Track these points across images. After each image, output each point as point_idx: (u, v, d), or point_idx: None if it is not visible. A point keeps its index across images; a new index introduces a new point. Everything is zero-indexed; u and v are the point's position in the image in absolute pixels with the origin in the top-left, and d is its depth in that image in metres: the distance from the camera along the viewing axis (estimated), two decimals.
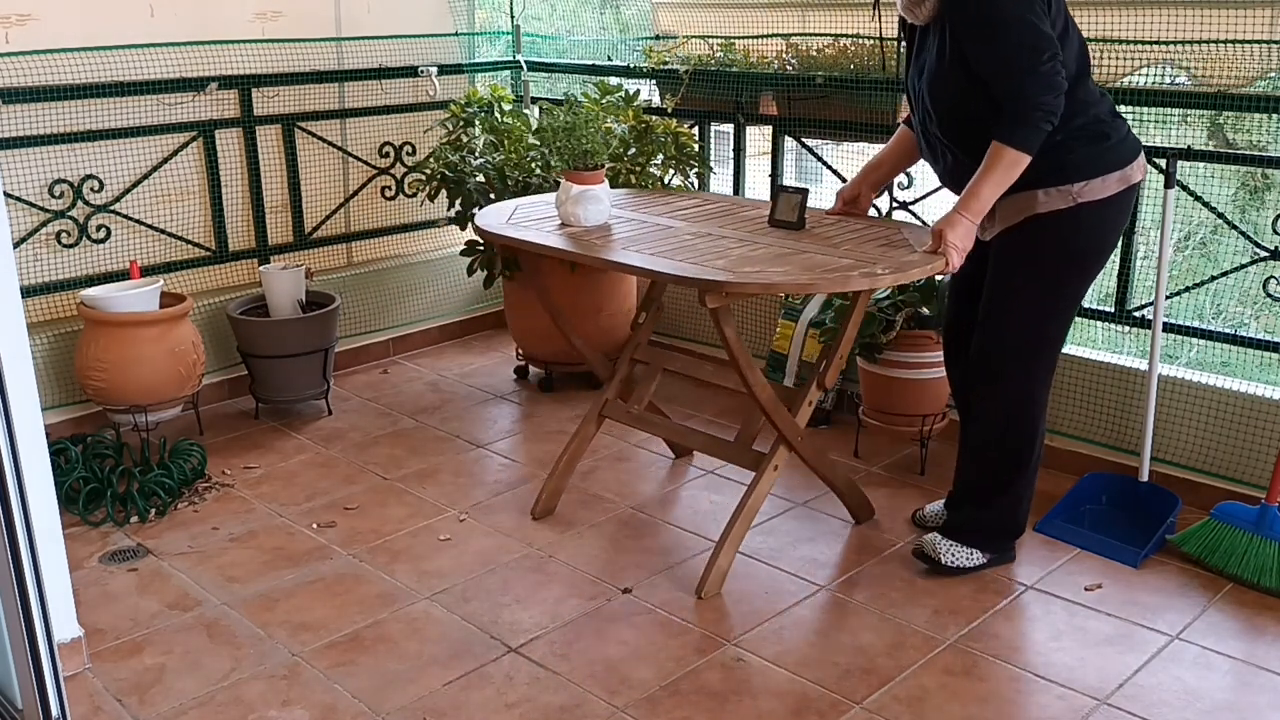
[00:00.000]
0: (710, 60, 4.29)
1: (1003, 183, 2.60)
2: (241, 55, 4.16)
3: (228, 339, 4.12)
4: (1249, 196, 4.37)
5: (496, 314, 4.95)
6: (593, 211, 3.08)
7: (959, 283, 2.99)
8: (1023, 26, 2.53)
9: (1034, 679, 2.57)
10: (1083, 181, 2.65)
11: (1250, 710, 2.46)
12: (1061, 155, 2.63)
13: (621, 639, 2.73)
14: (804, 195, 3.06)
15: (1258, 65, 3.06)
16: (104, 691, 2.56)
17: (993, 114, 2.60)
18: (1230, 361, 3.32)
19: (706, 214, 3.26)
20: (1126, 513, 3.20)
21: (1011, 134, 2.56)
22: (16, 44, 3.65)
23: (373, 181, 4.65)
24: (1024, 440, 2.90)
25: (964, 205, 2.65)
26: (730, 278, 2.61)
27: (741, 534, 2.97)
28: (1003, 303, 2.81)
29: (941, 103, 2.70)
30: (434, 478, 3.62)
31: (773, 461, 2.97)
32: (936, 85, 2.69)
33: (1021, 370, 2.84)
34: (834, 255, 2.78)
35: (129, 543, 3.23)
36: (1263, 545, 2.89)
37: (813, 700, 2.50)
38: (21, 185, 3.75)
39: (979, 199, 2.63)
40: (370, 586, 2.98)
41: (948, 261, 2.66)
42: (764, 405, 2.93)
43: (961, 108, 2.67)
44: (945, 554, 2.96)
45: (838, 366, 3.02)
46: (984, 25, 2.56)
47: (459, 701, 2.51)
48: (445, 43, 4.75)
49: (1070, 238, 2.72)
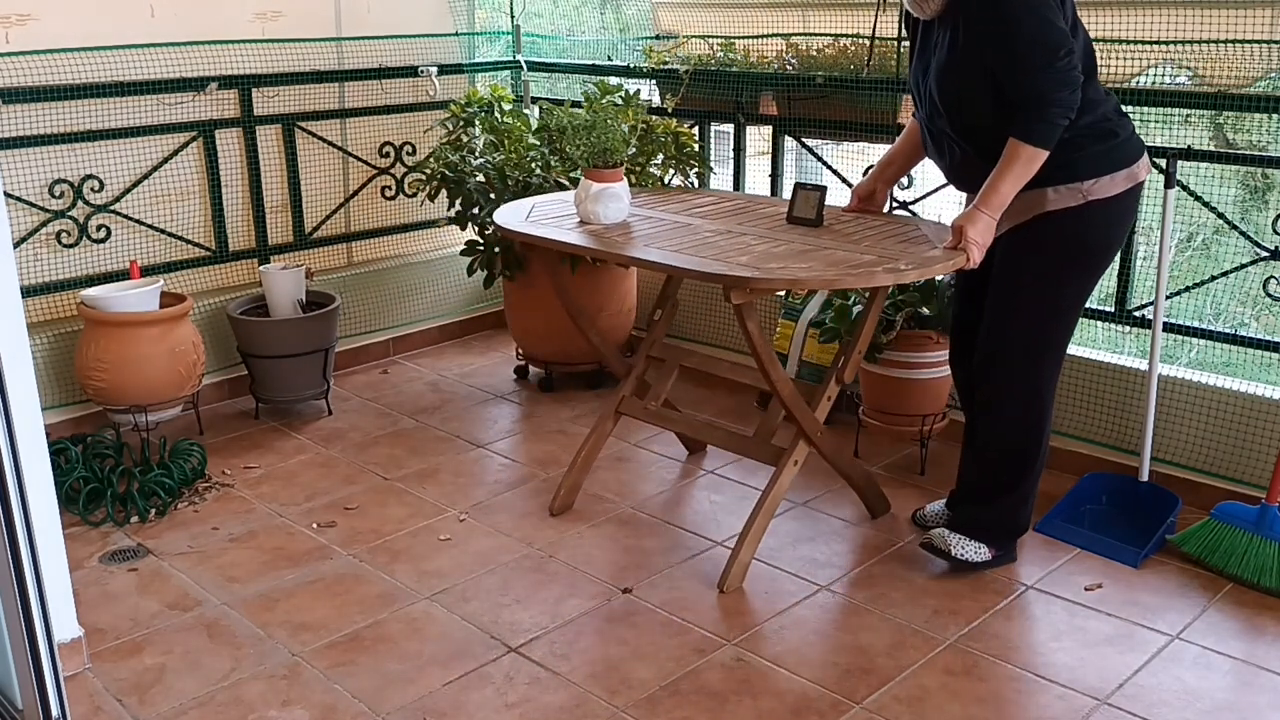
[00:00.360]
0: (710, 60, 4.29)
1: (1021, 178, 2.62)
2: (241, 55, 4.16)
3: (228, 339, 4.12)
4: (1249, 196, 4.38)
5: (496, 314, 4.95)
6: (613, 209, 3.10)
7: (964, 282, 2.99)
8: (1039, 23, 2.54)
9: (1034, 679, 2.57)
10: (1092, 179, 2.66)
11: (1250, 710, 2.46)
12: (1071, 153, 2.64)
13: (621, 639, 2.73)
14: (823, 192, 3.08)
15: (1259, 65, 3.06)
16: (104, 691, 2.56)
17: (1003, 109, 2.60)
18: (1231, 362, 3.32)
19: (723, 211, 3.28)
20: (1126, 513, 3.20)
21: (1029, 130, 2.57)
22: (16, 44, 3.65)
23: (373, 181, 4.65)
24: (1031, 439, 2.90)
25: (984, 201, 2.66)
26: (756, 274, 2.63)
27: (763, 529, 2.99)
28: (1010, 301, 2.81)
29: (951, 98, 2.70)
30: (434, 478, 3.62)
31: (793, 456, 2.99)
32: (946, 80, 2.69)
33: (1029, 368, 2.84)
34: (856, 251, 2.80)
35: (129, 543, 3.23)
36: (1263, 545, 2.89)
37: (813, 700, 2.50)
38: (21, 185, 3.75)
39: (998, 194, 2.64)
40: (370, 586, 2.98)
41: (968, 257, 2.68)
42: (786, 401, 2.96)
43: (972, 103, 2.67)
44: (956, 547, 2.95)
45: (856, 362, 3.05)
46: (1000, 22, 2.57)
47: (459, 701, 2.51)
48: (445, 43, 4.75)
49: (1079, 235, 2.72)
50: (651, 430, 3.87)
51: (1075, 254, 2.75)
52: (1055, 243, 2.73)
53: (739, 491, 3.49)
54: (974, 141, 2.71)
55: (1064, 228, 2.70)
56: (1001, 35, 2.57)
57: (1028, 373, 2.84)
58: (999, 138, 2.63)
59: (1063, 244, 2.73)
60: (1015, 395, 2.86)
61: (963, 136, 2.73)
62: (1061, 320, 2.82)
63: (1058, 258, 2.75)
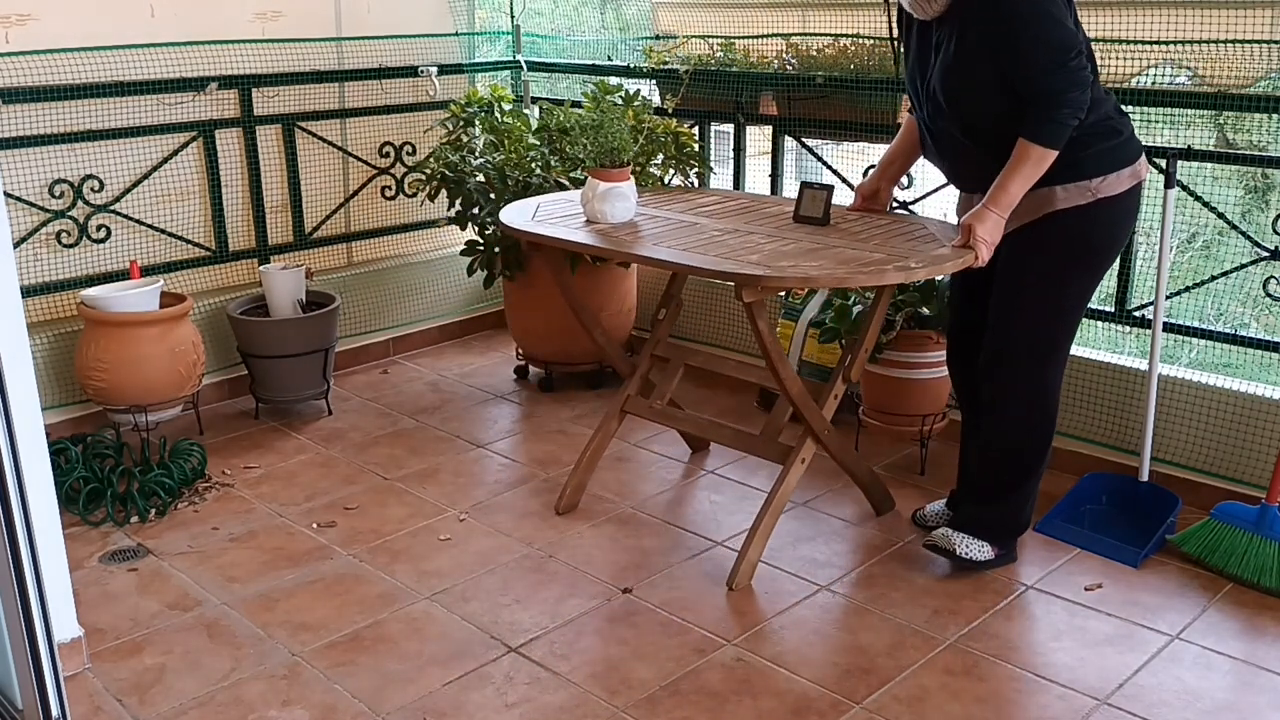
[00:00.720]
0: (710, 60, 4.29)
1: (1030, 178, 2.62)
2: (241, 55, 4.16)
3: (228, 339, 4.12)
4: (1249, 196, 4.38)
5: (496, 314, 4.95)
6: (619, 208, 3.11)
7: (965, 282, 2.98)
8: (1049, 23, 2.54)
9: (1034, 679, 2.56)
10: (1100, 177, 2.67)
11: (1250, 710, 2.46)
12: (1077, 152, 2.64)
13: (622, 639, 2.73)
14: (829, 191, 3.08)
15: (1260, 66, 3.06)
16: (104, 691, 2.56)
17: (1009, 108, 2.61)
18: (1231, 362, 3.32)
19: (728, 211, 3.29)
20: (1126, 513, 3.20)
21: (1038, 130, 2.58)
22: (16, 44, 3.65)
23: (373, 181, 4.65)
24: (1036, 439, 2.90)
25: (993, 200, 2.66)
26: (767, 272, 2.64)
27: (770, 527, 2.99)
28: (1014, 300, 2.80)
29: (957, 99, 2.69)
30: (434, 478, 3.62)
31: (800, 455, 2.99)
32: (951, 80, 2.68)
33: (1036, 367, 2.84)
34: (864, 250, 2.80)
35: (129, 543, 3.23)
36: (1263, 545, 2.89)
37: (813, 700, 2.50)
38: (21, 185, 3.75)
39: (1008, 194, 2.64)
40: (370, 586, 2.98)
41: (976, 255, 2.68)
42: (794, 399, 2.97)
43: (977, 103, 2.67)
44: (960, 545, 2.94)
45: (862, 360, 3.06)
46: (1004, 21, 2.57)
47: (459, 701, 2.51)
48: (445, 43, 4.75)
49: (1084, 234, 2.72)
50: (652, 430, 3.87)
51: (1079, 253, 2.75)
52: (1060, 242, 2.73)
53: (739, 491, 3.49)
54: (979, 141, 2.71)
55: (1069, 227, 2.70)
56: (1007, 35, 2.57)
57: (1033, 372, 2.85)
58: (1004, 136, 2.63)
59: (1067, 243, 2.73)
60: (1020, 395, 2.87)
61: (968, 136, 2.73)
62: (1065, 320, 2.82)
63: (1061, 257, 2.75)
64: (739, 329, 4.25)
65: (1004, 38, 2.58)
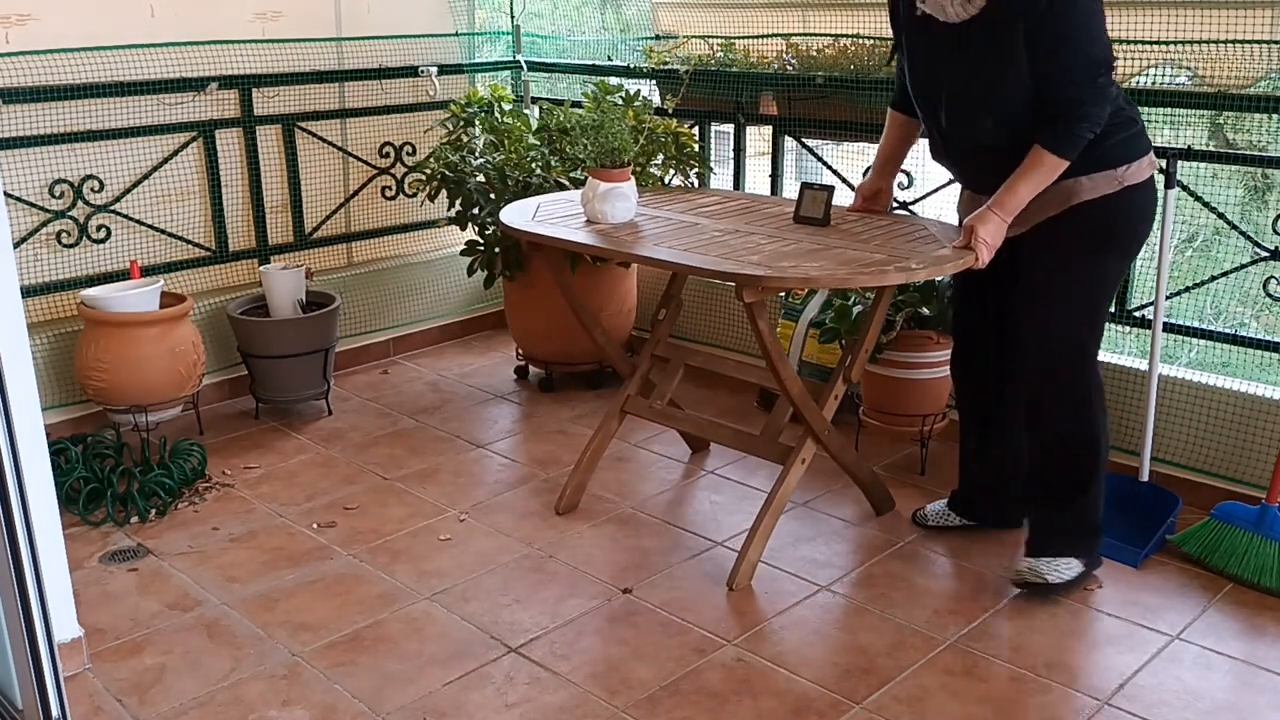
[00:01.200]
0: (710, 60, 4.29)
1: (1040, 185, 2.61)
2: (241, 55, 4.16)
3: (228, 339, 4.12)
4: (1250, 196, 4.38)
5: (496, 314, 4.95)
6: (620, 209, 3.11)
7: (967, 285, 2.96)
8: (1093, 38, 2.53)
9: (1034, 679, 2.56)
10: (1125, 165, 2.64)
11: (1250, 710, 2.46)
12: (1101, 143, 2.61)
13: (622, 639, 2.73)
14: (830, 192, 3.08)
15: (1260, 66, 3.06)
16: (104, 691, 2.56)
17: (1032, 112, 2.58)
18: (1230, 362, 3.32)
19: (728, 211, 3.28)
20: (1126, 513, 3.19)
21: (1056, 141, 2.56)
22: (16, 44, 3.65)
23: (373, 181, 4.65)
24: (1094, 430, 2.82)
25: (998, 204, 2.65)
26: (768, 272, 2.64)
27: (771, 527, 2.99)
28: (1052, 295, 2.74)
29: (986, 101, 2.64)
30: (434, 478, 3.62)
31: (800, 455, 3.00)
32: (977, 86, 2.63)
33: (1079, 359, 2.78)
34: (865, 250, 2.80)
35: (129, 543, 3.23)
36: (1263, 545, 2.89)
37: (813, 700, 2.50)
38: (21, 185, 3.75)
39: (1014, 198, 2.62)
40: (370, 586, 2.98)
41: (978, 257, 2.67)
42: (795, 399, 2.97)
43: (1008, 104, 2.61)
44: (1050, 572, 2.82)
45: (862, 361, 3.06)
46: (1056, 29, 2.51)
47: (459, 701, 2.51)
48: (445, 43, 4.75)
49: (1114, 222, 2.68)
50: (652, 430, 3.87)
51: (1111, 240, 2.70)
52: (1092, 231, 2.68)
53: (739, 491, 3.49)
54: (1001, 144, 2.65)
55: (1095, 218, 2.67)
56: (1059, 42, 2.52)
57: (1080, 363, 2.78)
58: (1020, 139, 2.60)
59: (1097, 232, 2.69)
60: (1070, 389, 2.79)
61: (991, 139, 2.67)
62: (1101, 310, 2.79)
63: (1096, 247, 2.70)
64: (739, 329, 4.25)
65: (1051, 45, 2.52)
